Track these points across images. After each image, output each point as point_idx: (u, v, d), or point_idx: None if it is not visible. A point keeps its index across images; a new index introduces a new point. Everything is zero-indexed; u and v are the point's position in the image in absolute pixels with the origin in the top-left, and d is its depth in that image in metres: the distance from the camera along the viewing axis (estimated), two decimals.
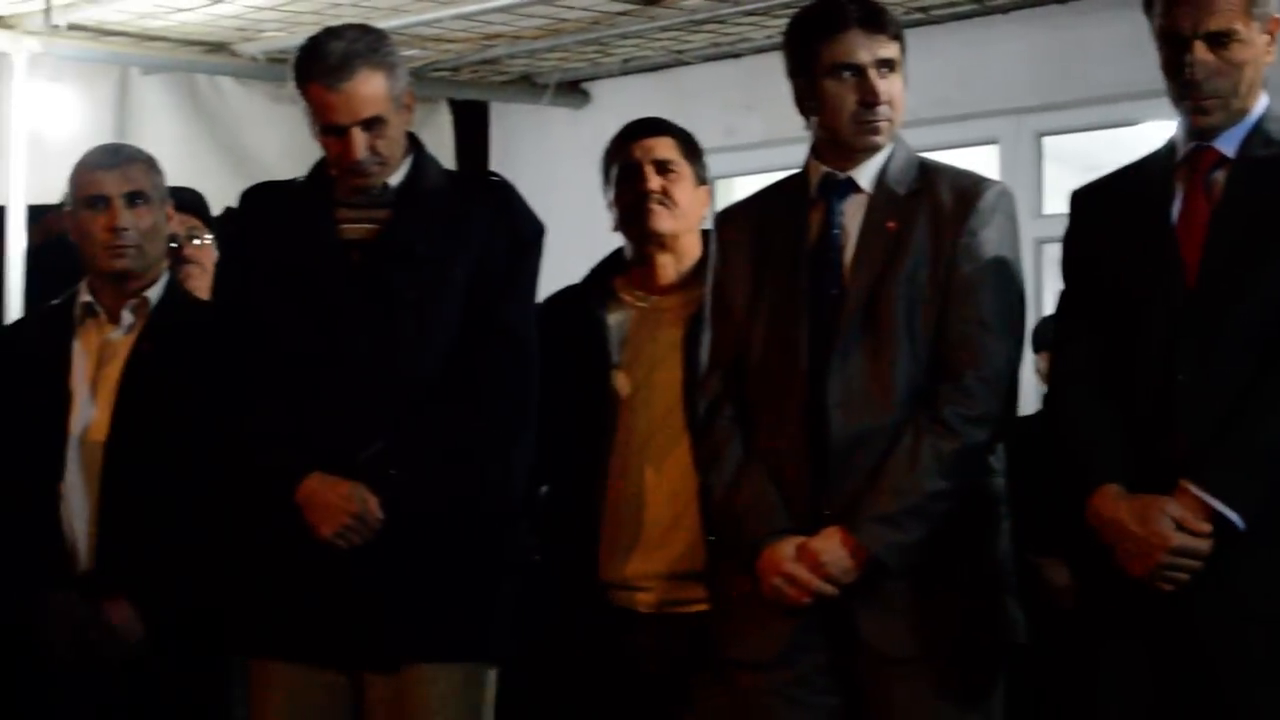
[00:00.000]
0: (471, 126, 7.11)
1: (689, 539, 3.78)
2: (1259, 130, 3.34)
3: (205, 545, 3.80)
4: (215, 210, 5.86)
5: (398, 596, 3.60)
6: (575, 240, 3.91)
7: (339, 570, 3.59)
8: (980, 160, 6.10)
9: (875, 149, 3.53)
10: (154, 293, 4.03)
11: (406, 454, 3.61)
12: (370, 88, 3.62)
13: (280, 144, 6.17)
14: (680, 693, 3.78)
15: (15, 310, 5.59)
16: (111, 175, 4.00)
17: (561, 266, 3.98)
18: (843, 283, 3.48)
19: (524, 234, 3.78)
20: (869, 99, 3.48)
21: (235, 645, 3.80)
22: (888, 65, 3.47)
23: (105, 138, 5.41)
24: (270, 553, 3.66)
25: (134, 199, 3.99)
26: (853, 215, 3.53)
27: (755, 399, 3.53)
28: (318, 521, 3.58)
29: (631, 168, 3.94)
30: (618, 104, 6.27)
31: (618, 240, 4.07)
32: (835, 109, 3.50)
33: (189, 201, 4.60)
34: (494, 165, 6.88)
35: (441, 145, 6.68)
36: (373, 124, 3.64)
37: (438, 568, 3.63)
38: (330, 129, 3.65)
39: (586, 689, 3.87)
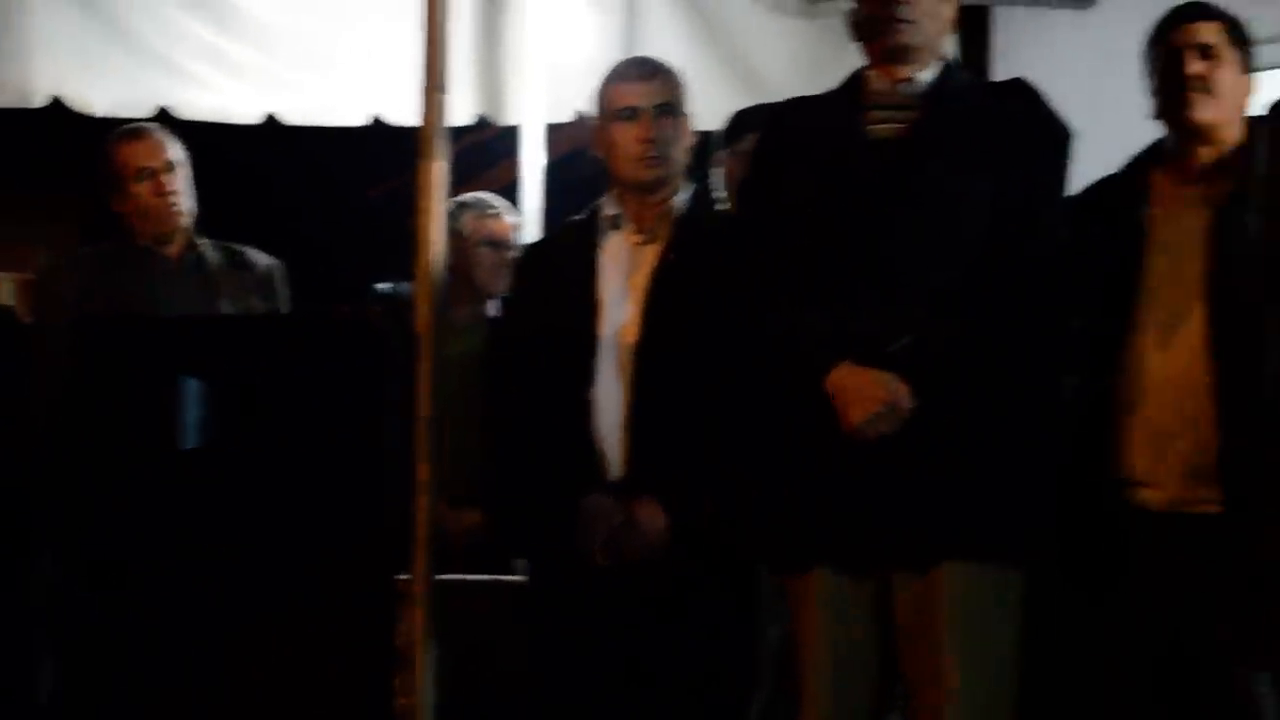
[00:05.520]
0: (974, 32, 7.00)
1: (1204, 434, 3.69)
2: None
3: (735, 451, 3.84)
4: (720, 125, 5.96)
5: (927, 491, 3.60)
6: (1081, 147, 3.85)
7: (870, 467, 3.61)
8: None
9: None
10: (678, 202, 4.10)
11: (936, 346, 3.60)
12: None
13: (784, 58, 6.15)
14: (1199, 596, 3.69)
15: (533, 226, 5.76)
16: (642, 87, 4.09)
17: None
18: None
19: (1056, 136, 3.75)
20: None
21: (771, 561, 3.85)
22: None
23: (615, 56, 5.52)
24: (799, 452, 3.69)
25: (663, 110, 4.08)
26: None
27: None
28: (847, 408, 3.60)
29: (1173, 53, 3.86)
30: (1126, 4, 6.08)
31: (1125, 146, 3.99)
32: None
33: None
34: (996, 72, 6.76)
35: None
36: None
37: (969, 462, 3.61)
38: None
39: (1090, 588, 3.81)
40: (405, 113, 5.27)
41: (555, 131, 5.84)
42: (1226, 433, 3.69)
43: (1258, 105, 3.87)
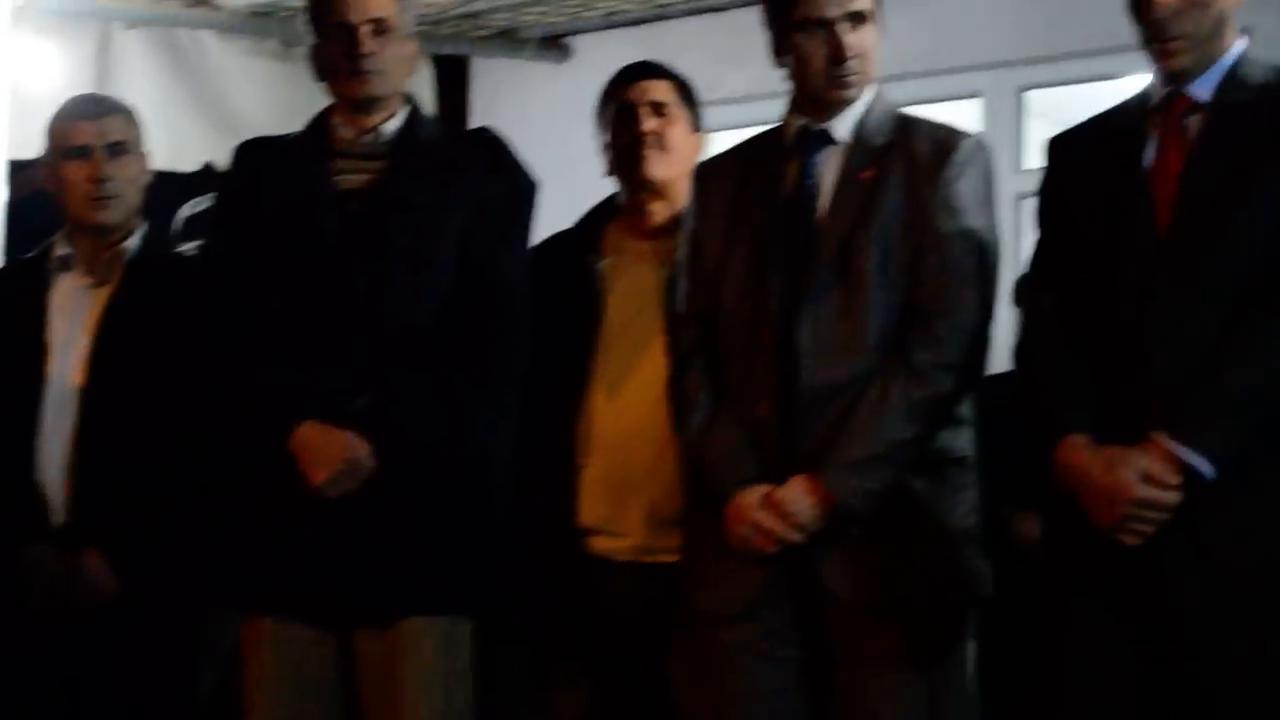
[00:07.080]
0: (452, 82, 7.08)
1: (667, 485, 3.74)
2: (1234, 74, 3.28)
3: (184, 498, 3.81)
4: (193, 165, 5.90)
5: (388, 549, 3.60)
6: (554, 197, 3.90)
7: (329, 523, 3.58)
8: (962, 115, 6.09)
9: (848, 102, 3.53)
10: (131, 244, 4.02)
11: (397, 403, 3.59)
12: None
13: (260, 100, 6.16)
14: (658, 643, 3.74)
15: None
16: (93, 125, 4.00)
17: (540, 223, 3.92)
18: (816, 232, 3.48)
19: (519, 187, 3.78)
20: (837, 55, 3.48)
21: (224, 600, 3.80)
22: (858, 18, 3.47)
23: (86, 91, 5.39)
24: (260, 506, 3.64)
25: (115, 149, 3.99)
26: (828, 167, 3.53)
27: (727, 348, 3.54)
28: (310, 468, 3.57)
29: (627, 110, 3.94)
30: (599, 59, 6.24)
31: (597, 196, 4.06)
32: (805, 63, 3.51)
33: None
34: (475, 121, 6.85)
35: (422, 101, 6.65)
36: (380, 27, 3.66)
37: (426, 519, 3.62)
38: (337, 27, 3.67)
39: (561, 639, 3.87)
40: None
41: (21, 169, 5.66)
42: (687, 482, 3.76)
43: None
